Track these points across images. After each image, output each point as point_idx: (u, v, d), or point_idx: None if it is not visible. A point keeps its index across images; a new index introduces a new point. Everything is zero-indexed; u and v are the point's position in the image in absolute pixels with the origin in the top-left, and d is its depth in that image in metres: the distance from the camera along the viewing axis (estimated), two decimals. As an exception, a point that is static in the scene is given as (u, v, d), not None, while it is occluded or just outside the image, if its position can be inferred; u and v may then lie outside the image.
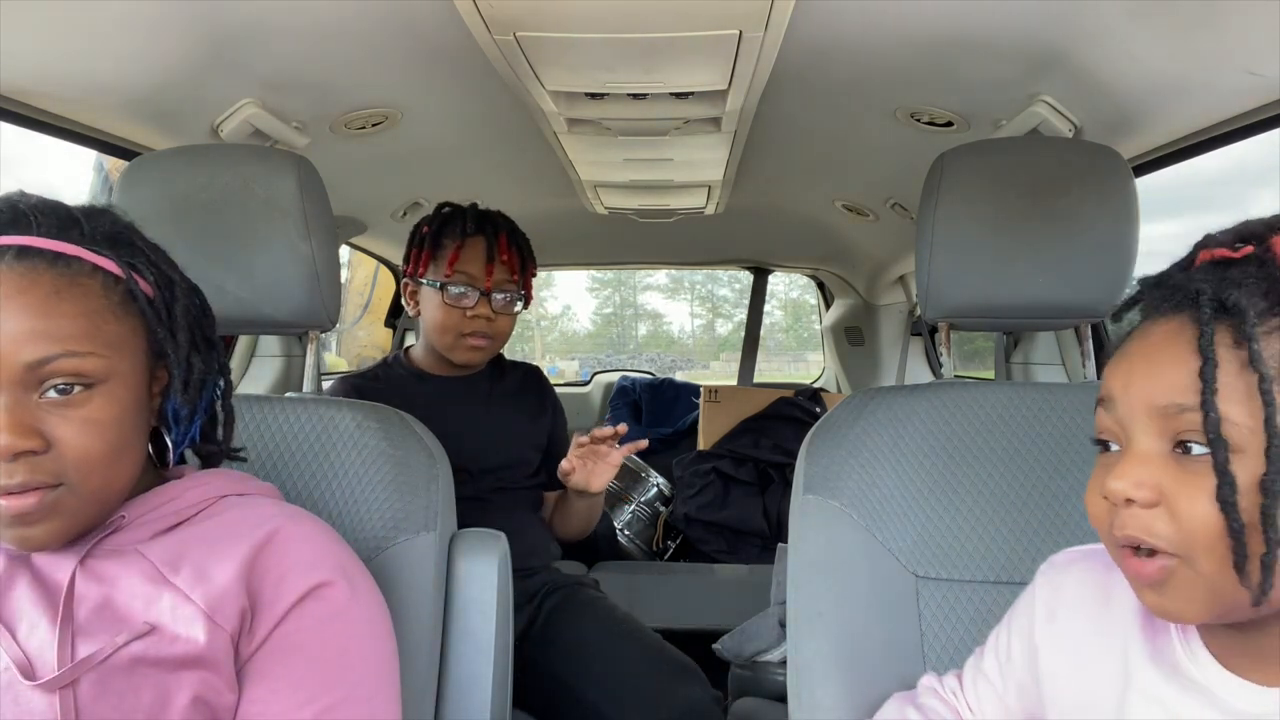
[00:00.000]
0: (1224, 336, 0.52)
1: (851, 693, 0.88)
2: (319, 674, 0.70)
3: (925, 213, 1.05)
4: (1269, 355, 0.51)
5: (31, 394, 0.63)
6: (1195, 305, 0.53)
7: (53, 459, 0.63)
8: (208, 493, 0.74)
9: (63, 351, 0.63)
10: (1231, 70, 0.97)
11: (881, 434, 0.99)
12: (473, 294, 1.42)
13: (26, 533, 0.63)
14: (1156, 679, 0.61)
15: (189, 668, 0.65)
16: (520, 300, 1.49)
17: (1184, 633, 0.61)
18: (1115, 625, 0.65)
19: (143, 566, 0.68)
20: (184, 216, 1.01)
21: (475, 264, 1.42)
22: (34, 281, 0.64)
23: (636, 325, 8.53)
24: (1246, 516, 0.51)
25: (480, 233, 1.44)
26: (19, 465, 0.61)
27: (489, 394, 1.54)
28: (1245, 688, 0.57)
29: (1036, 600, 0.73)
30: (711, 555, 2.76)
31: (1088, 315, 1.06)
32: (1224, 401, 0.51)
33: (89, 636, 0.64)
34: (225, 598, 0.67)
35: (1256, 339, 0.51)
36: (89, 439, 0.64)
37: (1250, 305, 0.52)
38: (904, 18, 1.04)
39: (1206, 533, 0.52)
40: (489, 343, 1.46)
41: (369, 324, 2.88)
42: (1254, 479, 0.51)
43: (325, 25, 1.07)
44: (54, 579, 0.67)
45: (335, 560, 0.74)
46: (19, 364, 0.62)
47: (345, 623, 0.72)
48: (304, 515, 0.76)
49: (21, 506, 0.62)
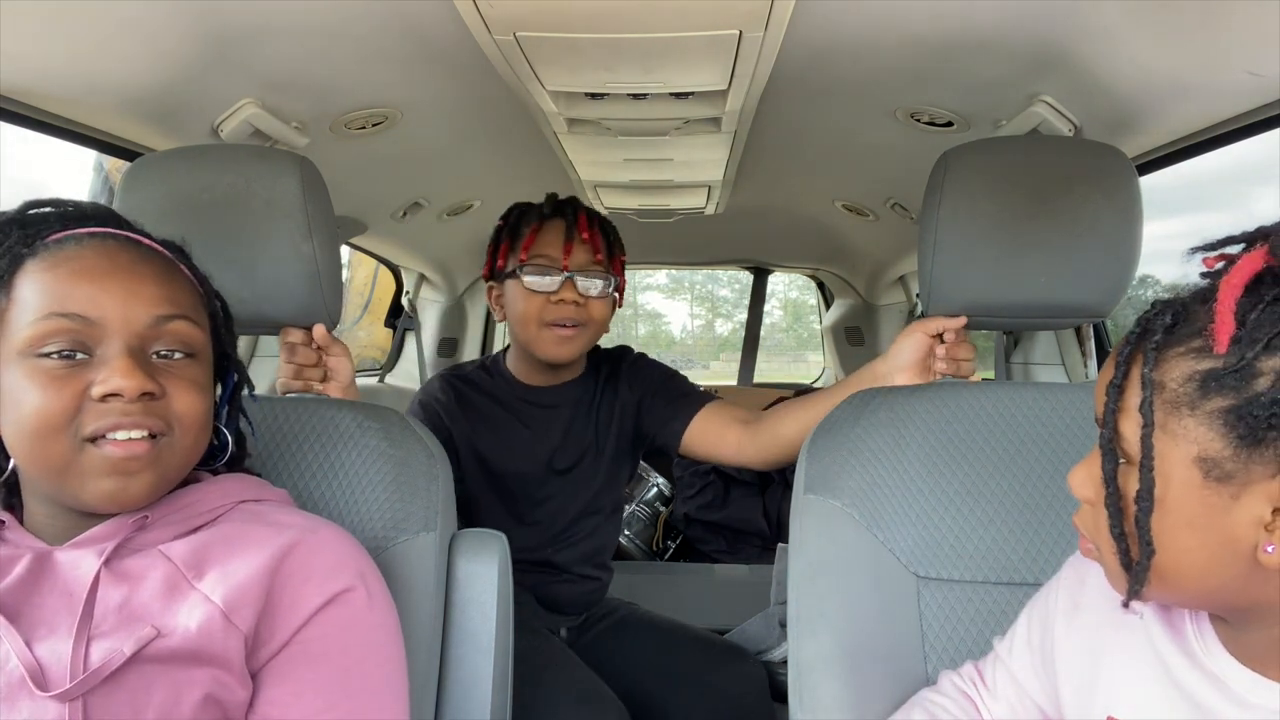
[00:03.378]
0: (1141, 354, 0.55)
1: (852, 693, 0.88)
2: (341, 680, 0.71)
3: (928, 211, 1.05)
4: (1173, 376, 0.53)
5: (149, 348, 0.69)
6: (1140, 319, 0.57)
7: (163, 406, 0.69)
8: (226, 497, 0.76)
9: (180, 313, 0.72)
10: (1231, 70, 0.97)
11: (882, 434, 0.99)
12: (554, 276, 1.32)
13: (126, 483, 0.67)
14: (1182, 666, 0.62)
15: (202, 665, 0.66)
16: (611, 284, 1.37)
17: (1198, 626, 0.62)
18: (1136, 617, 0.66)
19: (165, 567, 0.69)
20: (186, 217, 1.01)
21: (554, 245, 1.32)
22: (149, 256, 0.73)
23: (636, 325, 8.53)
24: (1127, 525, 0.56)
25: (558, 214, 1.36)
26: (136, 406, 0.67)
27: (593, 403, 1.44)
28: (1258, 681, 0.57)
29: (1060, 591, 0.74)
30: (711, 555, 2.77)
31: (1090, 315, 1.06)
32: (1123, 417, 0.55)
33: (105, 637, 0.65)
34: (244, 600, 0.68)
35: (1153, 361, 0.54)
36: (193, 396, 0.71)
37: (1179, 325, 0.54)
38: (904, 18, 1.04)
39: (1106, 534, 0.58)
40: (577, 331, 1.34)
41: (369, 324, 2.88)
42: (1135, 492, 0.54)
43: (325, 25, 1.07)
44: (77, 578, 0.67)
45: (356, 567, 0.75)
46: (147, 316, 0.69)
47: (366, 629, 0.74)
48: (324, 522, 0.78)
49: (132, 450, 0.67)
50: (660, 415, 1.41)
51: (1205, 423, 0.51)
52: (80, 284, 0.67)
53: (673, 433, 1.39)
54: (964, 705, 0.81)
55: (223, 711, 0.67)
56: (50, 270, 0.67)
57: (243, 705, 0.68)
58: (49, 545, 0.69)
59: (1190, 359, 0.52)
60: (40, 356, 0.66)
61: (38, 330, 0.66)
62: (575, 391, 1.44)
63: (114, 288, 0.68)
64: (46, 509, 0.71)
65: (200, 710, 0.65)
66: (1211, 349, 0.51)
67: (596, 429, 1.44)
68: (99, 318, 0.67)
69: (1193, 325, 0.53)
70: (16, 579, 0.67)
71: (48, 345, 0.66)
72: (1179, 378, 0.52)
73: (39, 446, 0.66)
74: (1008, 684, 0.78)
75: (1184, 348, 0.53)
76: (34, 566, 0.68)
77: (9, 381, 0.66)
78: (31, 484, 0.70)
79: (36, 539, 0.70)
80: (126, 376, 0.66)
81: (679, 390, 1.43)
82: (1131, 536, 0.56)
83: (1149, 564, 0.55)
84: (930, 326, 1.13)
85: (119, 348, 0.67)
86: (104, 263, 0.69)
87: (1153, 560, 0.55)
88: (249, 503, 0.78)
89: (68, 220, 0.72)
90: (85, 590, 0.66)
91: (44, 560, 0.68)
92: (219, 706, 0.67)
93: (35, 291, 0.67)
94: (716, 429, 1.37)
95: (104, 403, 0.66)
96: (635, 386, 1.45)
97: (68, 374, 0.66)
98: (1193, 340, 0.52)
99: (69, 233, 0.70)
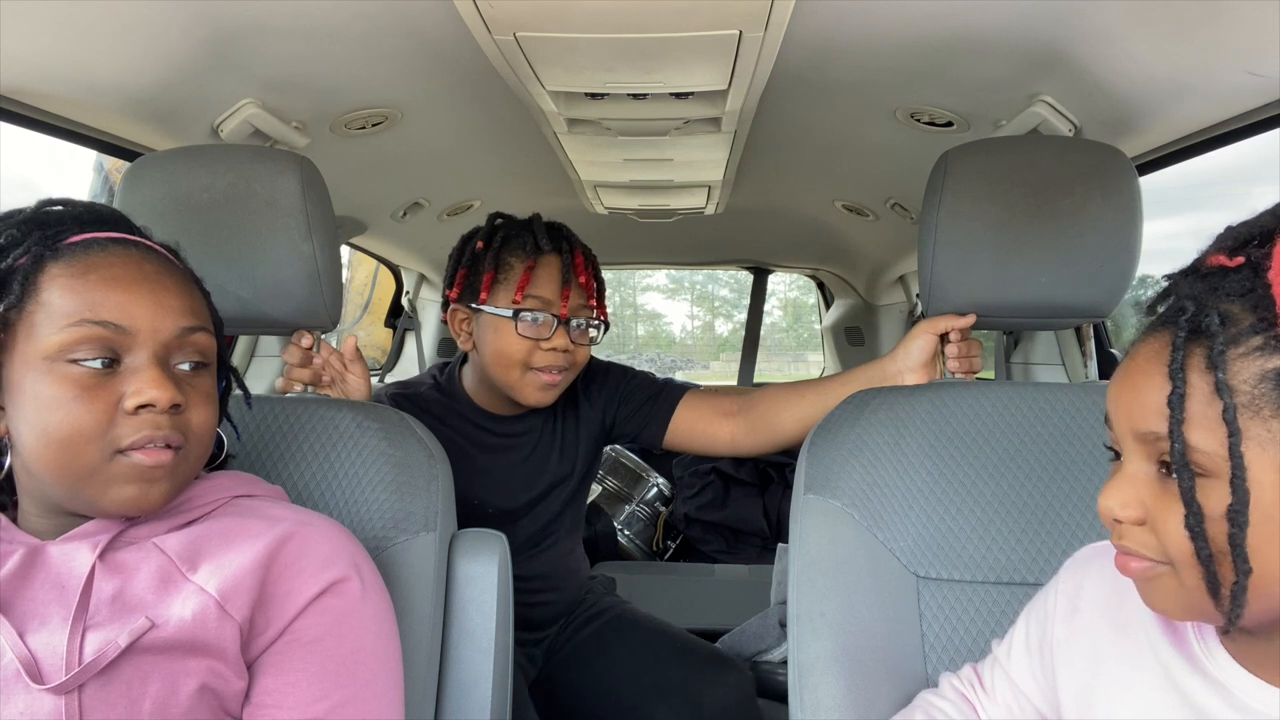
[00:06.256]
0: (1197, 360, 0.51)
1: (852, 692, 0.87)
2: (335, 669, 0.71)
3: (928, 211, 1.05)
4: (1243, 379, 0.50)
5: (172, 359, 0.70)
6: (1176, 324, 0.53)
7: (184, 420, 0.70)
8: (220, 492, 0.77)
9: (201, 325, 0.72)
10: (1231, 70, 0.97)
11: (882, 434, 0.99)
12: (548, 322, 1.22)
13: (147, 490, 0.68)
14: (1183, 670, 0.61)
15: (197, 656, 0.66)
16: (599, 327, 1.29)
17: (1200, 630, 0.61)
18: (1136, 620, 0.66)
19: (158, 559, 0.70)
20: (186, 216, 1.01)
21: (549, 287, 1.22)
22: (170, 266, 0.74)
23: (636, 325, 8.52)
24: (1215, 545, 0.51)
25: (555, 251, 1.25)
26: (166, 419, 0.68)
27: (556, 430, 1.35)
28: (1261, 687, 0.57)
29: (1059, 594, 0.73)
30: (711, 555, 2.77)
31: (1091, 315, 1.06)
32: (1194, 429, 0.51)
33: (99, 628, 0.65)
34: (238, 590, 0.69)
35: (1223, 365, 0.50)
36: (207, 409, 0.73)
37: (1227, 326, 0.50)
38: (904, 18, 1.04)
39: (1183, 555, 0.53)
40: (564, 378, 1.26)
41: (369, 324, 2.88)
42: (1224, 508, 0.50)
43: (325, 25, 1.07)
44: (71, 571, 0.68)
45: (350, 558, 0.76)
46: (174, 327, 0.70)
47: (359, 619, 0.74)
48: (318, 515, 0.79)
49: (159, 459, 0.68)
50: (634, 425, 1.36)
51: None
52: (112, 292, 0.68)
53: (651, 436, 1.35)
54: (963, 708, 0.81)
55: (219, 702, 0.68)
56: (80, 276, 0.67)
57: (239, 696, 0.69)
58: (41, 541, 0.70)
59: (1256, 358, 0.49)
60: (70, 363, 0.66)
61: (70, 336, 0.66)
62: (538, 419, 1.35)
63: (143, 298, 0.69)
64: (41, 508, 0.71)
65: (196, 700, 0.66)
66: (1278, 346, 0.49)
67: (561, 455, 1.36)
68: (130, 326, 0.68)
69: (1239, 324, 0.50)
70: (9, 573, 0.67)
71: (79, 352, 0.66)
72: (1250, 380, 0.49)
73: (67, 454, 0.66)
74: (1005, 687, 0.78)
75: (1243, 348, 0.50)
76: (26, 560, 0.68)
77: (35, 386, 0.66)
78: (37, 484, 0.70)
79: (30, 535, 0.70)
80: (160, 388, 0.67)
81: (646, 395, 1.36)
82: (1221, 556, 0.51)
83: (1246, 583, 0.50)
84: (939, 326, 1.12)
85: (147, 358, 0.68)
86: (132, 271, 0.69)
87: (1250, 578, 0.50)
88: (242, 497, 0.78)
89: (84, 223, 0.72)
90: (78, 583, 0.66)
91: (36, 554, 0.68)
92: (215, 696, 0.67)
93: (65, 296, 0.67)
94: (702, 425, 1.32)
95: (136, 414, 0.67)
96: (597, 403, 1.38)
97: (98, 382, 0.66)
98: (1250, 339, 0.50)
99: (89, 236, 0.70)
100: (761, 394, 1.30)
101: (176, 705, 0.65)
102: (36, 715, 0.61)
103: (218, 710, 0.68)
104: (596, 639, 1.43)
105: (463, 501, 1.09)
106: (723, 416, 1.31)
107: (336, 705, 0.70)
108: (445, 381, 1.37)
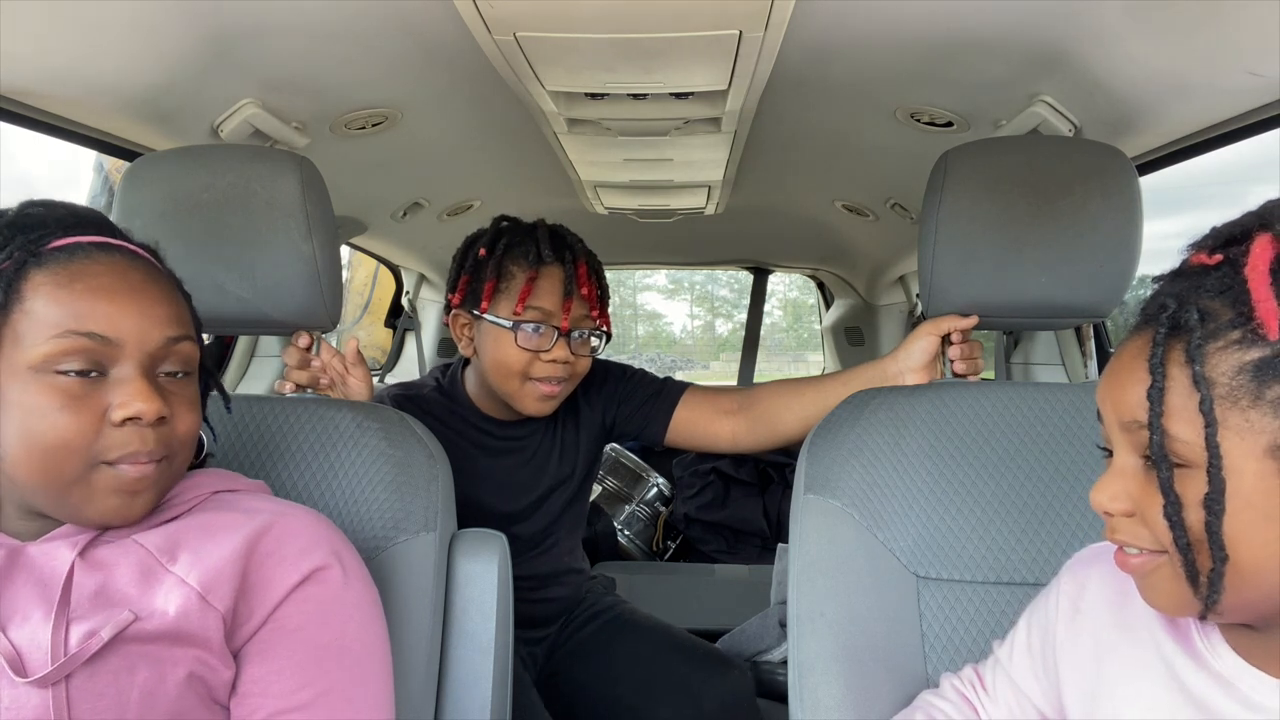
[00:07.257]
0: (1177, 354, 0.53)
1: (852, 693, 0.88)
2: (319, 656, 0.72)
3: (928, 211, 1.05)
4: (1221, 371, 0.52)
5: (158, 368, 0.70)
6: (1157, 321, 0.55)
7: (169, 431, 0.70)
8: (200, 489, 0.77)
9: (186, 335, 0.72)
10: (1231, 70, 0.97)
11: (882, 434, 0.99)
12: (549, 334, 1.22)
13: (131, 502, 0.68)
14: (1187, 668, 0.62)
15: (183, 645, 0.67)
16: (600, 337, 1.29)
17: (1204, 628, 0.62)
18: (1139, 619, 0.66)
19: (139, 553, 0.70)
20: (186, 217, 1.01)
21: (551, 298, 1.21)
22: (155, 274, 0.73)
23: (636, 325, 8.52)
24: (1193, 533, 0.53)
25: (557, 261, 1.23)
26: (152, 432, 0.68)
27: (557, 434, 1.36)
28: (1266, 682, 0.57)
29: (1061, 594, 0.74)
30: (711, 555, 2.77)
31: (1091, 315, 1.06)
32: (1174, 420, 0.53)
33: (83, 621, 0.65)
34: (220, 580, 0.69)
35: (1201, 359, 0.52)
36: (191, 418, 0.72)
37: (1206, 321, 0.52)
38: (904, 18, 1.04)
39: (1169, 544, 0.55)
40: (563, 388, 1.25)
41: (369, 324, 2.88)
42: (1201, 496, 0.52)
43: (325, 25, 1.07)
44: (52, 569, 0.68)
45: (330, 546, 0.76)
46: (160, 338, 0.69)
47: (342, 606, 0.75)
48: (297, 505, 0.79)
49: (144, 472, 0.68)
50: (634, 424, 1.37)
51: (1271, 411, 0.50)
52: (98, 302, 0.67)
53: (652, 435, 1.35)
54: (963, 709, 0.81)
55: (207, 691, 0.68)
56: (66, 286, 0.67)
57: (227, 685, 0.70)
58: (21, 542, 0.70)
59: (1234, 351, 0.51)
60: (56, 373, 0.66)
61: (56, 348, 0.65)
62: (539, 423, 1.35)
63: (130, 308, 0.68)
64: (22, 512, 0.71)
65: (184, 689, 0.67)
66: (1254, 339, 0.51)
67: (562, 457, 1.37)
68: (116, 338, 0.67)
69: (1218, 319, 0.52)
70: None
71: (65, 363, 0.65)
72: (1228, 372, 0.51)
73: (51, 463, 0.65)
74: (1007, 688, 0.78)
75: (1221, 341, 0.52)
76: (7, 561, 0.68)
77: (18, 395, 0.65)
78: (19, 491, 0.69)
79: (10, 538, 0.70)
80: (147, 400, 0.67)
81: (646, 394, 1.37)
82: (1199, 544, 0.53)
83: (1223, 570, 0.52)
84: (943, 327, 1.12)
85: (134, 369, 0.68)
86: (118, 281, 0.69)
87: (1227, 565, 0.52)
88: (223, 493, 0.79)
89: (66, 226, 0.71)
90: (59, 579, 0.66)
91: (17, 554, 0.69)
92: (203, 685, 0.68)
93: (50, 306, 0.66)
94: (702, 423, 1.33)
95: (123, 427, 0.67)
96: (597, 405, 1.38)
97: (84, 393, 0.66)
98: (1229, 333, 0.52)
99: (72, 241, 0.70)
100: (762, 392, 1.31)
101: (165, 695, 0.66)
102: (24, 709, 0.62)
103: (206, 699, 0.69)
104: (597, 638, 1.43)
105: (464, 503, 1.10)
106: (723, 415, 1.32)
107: (322, 692, 0.71)
108: (447, 384, 1.37)
